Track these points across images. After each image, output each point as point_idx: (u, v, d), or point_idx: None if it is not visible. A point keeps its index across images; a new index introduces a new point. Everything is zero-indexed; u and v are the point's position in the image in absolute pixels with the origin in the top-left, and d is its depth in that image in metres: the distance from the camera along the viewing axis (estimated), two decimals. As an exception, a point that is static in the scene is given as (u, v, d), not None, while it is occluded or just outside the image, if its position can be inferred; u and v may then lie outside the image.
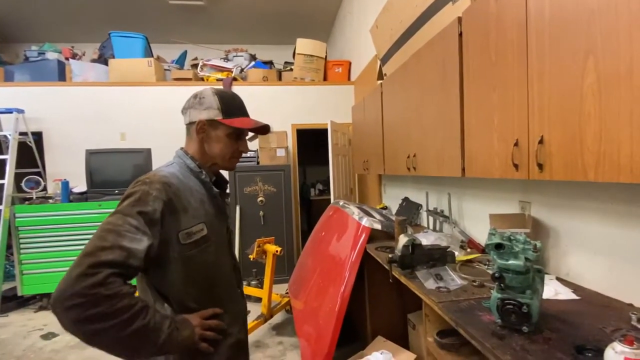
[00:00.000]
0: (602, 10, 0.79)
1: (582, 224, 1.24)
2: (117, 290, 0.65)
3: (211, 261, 0.88)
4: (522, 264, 0.89)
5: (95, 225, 3.33)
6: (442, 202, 2.22)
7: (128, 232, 0.70)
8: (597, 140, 0.81)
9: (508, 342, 0.87)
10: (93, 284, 0.63)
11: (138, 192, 0.77)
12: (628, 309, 1.01)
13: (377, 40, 2.48)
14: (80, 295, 0.62)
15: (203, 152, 0.93)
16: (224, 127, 0.91)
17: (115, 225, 0.71)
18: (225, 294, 0.94)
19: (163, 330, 0.72)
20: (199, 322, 0.82)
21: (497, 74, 1.17)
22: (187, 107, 0.94)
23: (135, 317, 0.67)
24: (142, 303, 0.70)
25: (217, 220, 0.93)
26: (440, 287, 1.28)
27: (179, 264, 0.81)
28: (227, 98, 0.93)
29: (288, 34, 5.70)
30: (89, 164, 3.49)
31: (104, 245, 0.68)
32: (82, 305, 0.62)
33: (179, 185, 0.83)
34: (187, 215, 0.82)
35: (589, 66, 0.83)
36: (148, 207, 0.74)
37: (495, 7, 1.16)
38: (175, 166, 0.91)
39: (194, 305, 0.85)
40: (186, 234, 0.81)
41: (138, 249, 0.70)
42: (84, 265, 0.64)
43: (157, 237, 0.75)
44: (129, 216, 0.72)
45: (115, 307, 0.64)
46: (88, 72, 4.25)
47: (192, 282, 0.84)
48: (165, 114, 4.30)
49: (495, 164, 1.21)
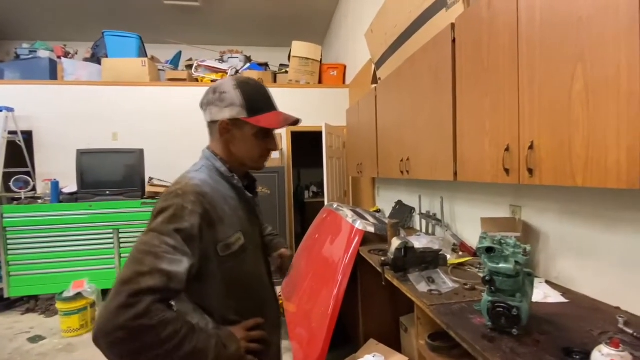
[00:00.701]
0: (591, 19, 0.81)
1: (571, 228, 1.26)
2: (161, 319, 0.60)
3: (249, 270, 0.85)
4: (513, 267, 0.90)
5: (86, 227, 3.32)
6: (435, 205, 2.24)
7: (166, 254, 0.64)
8: (585, 146, 0.83)
9: (498, 344, 0.88)
10: (135, 316, 0.58)
11: (172, 206, 0.70)
12: (615, 312, 1.03)
13: (371, 45, 2.50)
14: (123, 329, 0.57)
15: (230, 153, 0.86)
16: (250, 126, 0.82)
17: (152, 246, 0.65)
18: (264, 302, 0.90)
19: (210, 349, 0.68)
20: (244, 334, 0.78)
21: (489, 79, 1.19)
22: (207, 103, 0.85)
23: (183, 343, 0.63)
24: (187, 327, 0.65)
25: (251, 225, 0.88)
26: (432, 290, 1.28)
27: (219, 278, 0.77)
28: (251, 91, 0.83)
29: (284, 37, 5.71)
30: (80, 164, 3.44)
31: (142, 270, 0.62)
32: (126, 339, 0.57)
33: (212, 194, 0.77)
34: (223, 226, 0.77)
35: (578, 73, 0.84)
36: (185, 224, 0.69)
37: (487, 14, 1.18)
38: (205, 170, 0.83)
39: (234, 317, 0.81)
40: (224, 246, 0.77)
41: (179, 272, 0.64)
42: (124, 295, 0.58)
43: (196, 255, 0.70)
44: (165, 235, 0.66)
45: (160, 336, 0.60)
46: (80, 71, 4.20)
47: (232, 294, 0.80)
48: (158, 115, 4.27)
49: (486, 168, 1.22)
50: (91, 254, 3.37)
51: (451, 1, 1.49)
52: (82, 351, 2.53)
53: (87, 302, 2.83)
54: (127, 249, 3.43)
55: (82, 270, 3.30)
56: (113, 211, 3.40)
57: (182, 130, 4.33)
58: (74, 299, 2.76)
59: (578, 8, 0.84)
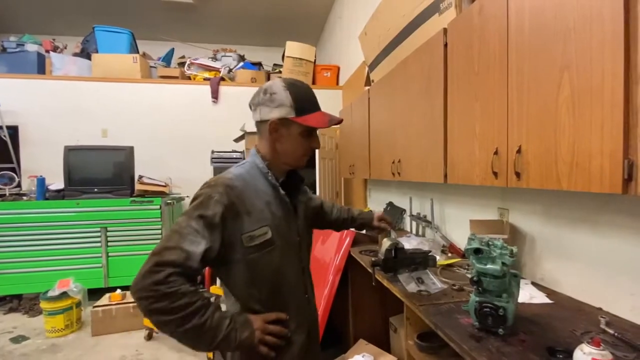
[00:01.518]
0: (578, 29, 0.83)
1: (556, 230, 1.30)
2: (176, 289, 0.70)
3: (275, 265, 0.86)
4: (499, 268, 0.92)
5: (72, 225, 3.26)
6: (425, 207, 2.27)
7: (189, 235, 0.74)
8: (571, 151, 0.86)
9: (485, 344, 0.90)
10: (155, 282, 0.69)
11: (202, 195, 0.80)
12: (597, 313, 1.06)
13: (365, 47, 2.52)
14: (145, 290, 0.69)
15: (274, 151, 0.90)
16: (297, 125, 0.86)
17: (180, 227, 0.76)
18: (290, 299, 0.92)
19: (221, 329, 0.75)
20: (261, 325, 0.82)
21: (479, 84, 1.21)
22: (257, 103, 0.88)
23: (193, 315, 0.71)
24: (202, 302, 0.73)
25: (286, 223, 0.90)
26: (422, 291, 1.30)
27: (243, 266, 0.83)
28: (300, 93, 0.87)
29: (278, 37, 5.71)
30: (68, 160, 3.38)
31: (169, 245, 0.73)
32: (147, 299, 0.69)
33: (243, 188, 0.83)
34: (250, 218, 0.82)
35: (564, 81, 0.87)
36: (208, 211, 0.77)
37: (479, 20, 1.20)
38: (247, 166, 0.90)
39: (257, 307, 0.86)
40: (249, 237, 0.82)
41: (195, 252, 0.73)
42: (151, 263, 0.71)
43: (217, 241, 0.77)
44: (192, 219, 0.76)
45: (173, 304, 0.69)
46: (69, 66, 4.12)
47: (256, 284, 0.85)
48: (149, 112, 4.22)
49: (476, 171, 1.25)
50: (77, 252, 3.30)
51: (444, 6, 1.51)
52: (67, 352, 2.48)
53: (72, 302, 2.77)
54: (114, 247, 3.38)
55: (68, 269, 3.23)
56: (101, 209, 3.34)
57: (173, 128, 4.29)
58: (58, 298, 2.70)
59: (565, 18, 0.86)
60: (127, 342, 2.62)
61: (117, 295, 2.83)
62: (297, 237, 0.95)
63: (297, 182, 0.99)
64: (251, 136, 3.93)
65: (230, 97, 4.44)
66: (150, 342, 2.61)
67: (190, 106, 4.33)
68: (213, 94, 4.35)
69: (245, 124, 3.96)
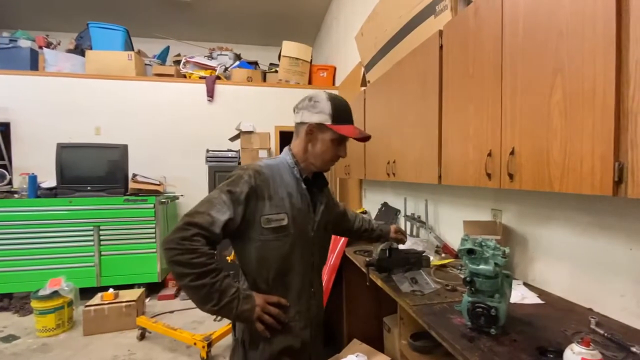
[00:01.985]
0: (570, 33, 0.84)
1: (547, 232, 1.31)
2: (197, 247, 0.83)
3: (285, 252, 0.95)
4: (492, 269, 0.93)
5: (64, 223, 3.22)
6: (420, 208, 2.28)
7: (218, 204, 0.88)
8: (563, 153, 0.87)
9: (477, 344, 0.91)
10: (183, 237, 0.82)
11: (235, 175, 0.93)
12: (588, 313, 1.08)
13: (361, 48, 2.53)
14: (173, 242, 0.82)
15: (305, 151, 1.01)
16: (331, 132, 0.97)
17: (212, 197, 0.89)
18: (295, 288, 0.99)
19: (227, 294, 0.85)
20: (262, 302, 0.91)
21: (474, 86, 1.22)
22: (301, 107, 1.00)
23: (206, 274, 0.83)
24: (215, 265, 0.85)
25: (303, 216, 0.99)
26: (415, 291, 1.31)
27: (257, 244, 0.93)
28: (339, 105, 0.98)
29: (274, 36, 5.70)
30: (60, 158, 3.34)
31: (200, 210, 0.87)
32: (173, 249, 0.82)
33: (269, 175, 0.95)
34: (271, 203, 0.93)
35: (557, 84, 0.88)
36: (237, 188, 0.90)
37: (474, 23, 1.21)
38: (278, 159, 1.02)
39: (263, 286, 0.96)
40: (266, 219, 0.92)
41: (220, 219, 0.86)
42: (182, 222, 0.84)
43: (239, 215, 0.89)
44: (223, 192, 0.89)
45: (193, 260, 0.81)
46: (63, 63, 4.08)
47: (265, 264, 0.94)
48: (144, 110, 4.19)
49: (469, 172, 1.26)
50: (69, 251, 3.27)
51: (439, 8, 1.52)
52: (58, 351, 2.45)
53: (63, 301, 2.74)
54: (107, 246, 3.35)
55: (60, 268, 3.19)
56: (94, 207, 3.30)
57: (168, 127, 4.26)
58: (50, 297, 2.67)
59: (558, 22, 0.87)
60: (119, 341, 2.60)
61: (109, 294, 2.81)
62: (312, 232, 1.02)
63: (321, 184, 1.09)
64: (246, 135, 3.92)
65: (226, 96, 4.42)
66: (143, 342, 2.59)
67: (186, 105, 4.31)
68: (209, 93, 4.33)
69: (241, 123, 3.95)
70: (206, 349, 2.22)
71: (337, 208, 1.27)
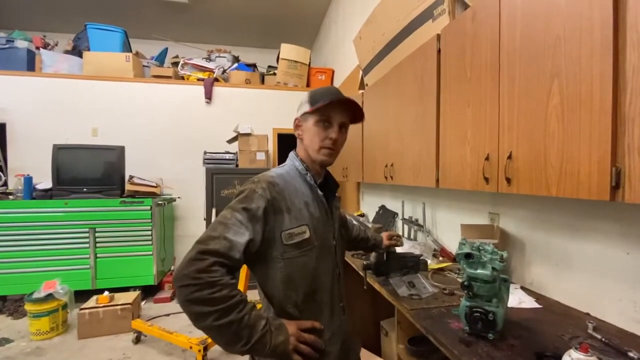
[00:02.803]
0: (567, 38, 0.85)
1: (545, 236, 1.31)
2: (218, 279, 0.71)
3: (312, 267, 0.87)
4: (490, 273, 0.92)
5: (60, 225, 3.20)
6: (417, 211, 2.28)
7: (234, 226, 0.77)
8: (560, 158, 0.87)
9: (474, 348, 0.90)
10: (199, 269, 0.70)
11: (246, 190, 0.83)
12: (585, 318, 1.07)
13: (359, 51, 2.53)
14: (188, 277, 0.69)
15: (304, 150, 0.95)
16: (311, 116, 0.91)
17: (225, 218, 0.78)
18: (326, 307, 0.91)
19: (257, 329, 0.73)
20: (296, 331, 0.80)
21: (471, 90, 1.22)
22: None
23: (232, 308, 0.71)
24: (240, 297, 0.73)
25: (323, 225, 0.92)
26: (413, 295, 1.30)
27: (281, 264, 0.83)
28: (317, 90, 0.94)
29: (273, 38, 5.71)
30: (56, 159, 3.31)
31: (213, 235, 0.75)
32: (189, 286, 0.69)
33: (283, 186, 0.87)
34: (290, 216, 0.85)
35: (554, 89, 0.88)
36: (252, 204, 0.80)
37: (471, 27, 1.22)
38: (286, 167, 0.95)
39: (292, 310, 0.85)
40: (288, 235, 0.83)
41: (239, 242, 0.76)
42: (195, 251, 0.72)
43: (259, 233, 0.79)
44: (236, 211, 0.79)
45: (214, 295, 0.69)
46: (60, 64, 4.06)
47: (293, 285, 0.85)
48: (142, 112, 4.17)
49: (467, 176, 1.25)
50: (65, 253, 3.23)
51: (437, 12, 1.53)
52: (52, 355, 2.42)
53: (58, 304, 2.71)
54: (103, 248, 3.32)
55: (55, 270, 3.16)
56: (89, 209, 3.28)
57: (165, 129, 4.25)
58: (44, 300, 2.64)
59: (556, 27, 0.88)
60: (114, 345, 2.57)
61: (104, 297, 2.78)
62: (333, 241, 0.96)
63: (332, 187, 1.01)
64: (244, 137, 3.92)
65: (224, 98, 4.42)
66: (138, 346, 2.56)
67: (183, 106, 4.30)
68: (206, 95, 4.33)
69: (238, 125, 3.94)
70: (202, 353, 2.20)
71: (341, 214, 1.20)
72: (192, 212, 4.24)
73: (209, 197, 3.67)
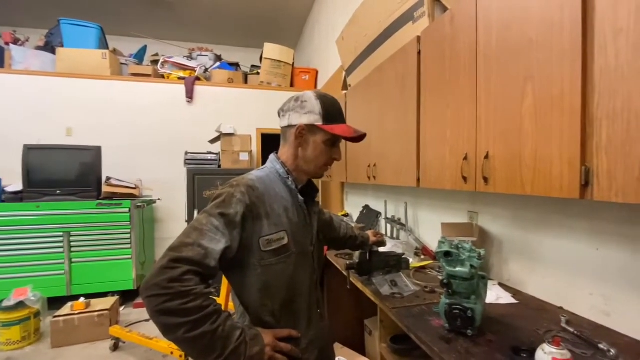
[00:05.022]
0: (540, 42, 0.88)
1: (521, 233, 1.35)
2: (191, 288, 0.67)
3: (290, 274, 0.85)
4: (468, 270, 0.94)
5: (32, 229, 3.06)
6: (400, 210, 2.31)
7: (209, 232, 0.73)
8: (534, 158, 0.89)
9: (454, 345, 0.92)
10: (171, 278, 0.66)
11: (224, 194, 0.79)
12: (559, 312, 1.12)
13: (342, 52, 2.54)
14: (159, 287, 0.65)
15: (296, 158, 0.91)
16: (323, 133, 0.88)
17: (200, 223, 0.74)
18: (304, 314, 0.89)
19: (231, 340, 0.70)
20: (272, 341, 0.78)
21: (450, 91, 1.24)
22: (287, 109, 0.90)
23: (205, 319, 0.67)
24: (214, 307, 0.70)
25: (302, 231, 0.90)
26: (395, 293, 1.32)
27: (258, 272, 0.81)
28: (330, 104, 0.90)
29: (256, 38, 5.66)
30: (27, 160, 3.16)
31: (187, 241, 0.71)
32: (160, 296, 0.65)
33: (263, 190, 0.83)
34: (269, 222, 0.82)
35: (528, 90, 0.91)
36: (230, 210, 0.76)
37: (450, 30, 1.24)
38: (266, 170, 0.91)
39: (269, 319, 0.83)
40: (267, 241, 0.81)
41: (215, 249, 0.72)
42: (167, 259, 0.68)
43: (236, 240, 0.76)
44: (213, 216, 0.75)
45: (186, 305, 0.65)
46: (31, 60, 3.88)
47: (270, 293, 0.83)
48: (120, 111, 4.04)
49: (446, 176, 1.28)
50: (37, 258, 3.09)
51: (417, 15, 1.55)
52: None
53: (30, 312, 2.58)
54: (78, 253, 3.19)
55: (26, 276, 3.01)
56: (63, 212, 3.14)
57: (145, 128, 4.13)
58: (15, 308, 2.51)
59: (529, 30, 0.90)
60: (90, 353, 2.47)
61: (80, 303, 2.67)
62: (311, 247, 0.94)
63: (312, 192, 0.99)
64: (227, 138, 3.86)
65: (206, 97, 4.34)
66: (116, 353, 2.47)
67: (164, 106, 4.19)
68: (188, 94, 4.24)
69: (221, 125, 3.88)
70: (183, 358, 2.15)
71: (325, 216, 1.21)
72: (173, 213, 4.14)
73: (190, 198, 3.59)
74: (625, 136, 0.68)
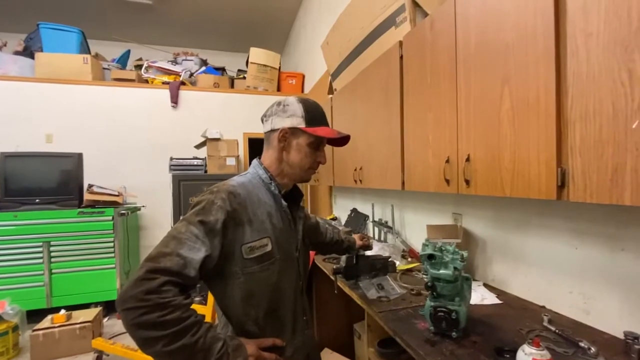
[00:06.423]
0: (516, 46, 0.90)
1: (504, 234, 1.37)
2: (169, 300, 0.64)
3: (274, 281, 0.83)
4: (452, 273, 0.95)
5: (9, 240, 2.96)
6: (387, 213, 2.32)
7: (188, 240, 0.71)
8: (512, 160, 0.91)
9: (439, 348, 0.92)
10: (148, 290, 0.63)
11: (204, 201, 0.77)
12: (541, 311, 1.13)
13: (327, 56, 2.55)
14: (136, 299, 0.62)
15: (280, 162, 0.90)
16: (307, 135, 0.88)
17: (179, 232, 0.72)
18: (288, 322, 0.88)
19: (213, 352, 0.68)
20: (255, 351, 0.75)
21: (432, 95, 1.26)
22: (270, 114, 0.90)
23: (185, 332, 0.65)
24: (195, 318, 0.68)
25: (286, 236, 0.88)
26: (382, 297, 1.31)
27: (241, 280, 0.79)
28: (311, 106, 0.90)
29: (242, 42, 5.63)
30: (4, 168, 3.06)
31: (165, 251, 0.68)
32: (137, 309, 0.62)
33: (245, 196, 0.82)
34: (252, 228, 0.80)
35: (505, 94, 0.93)
36: (210, 217, 0.74)
37: (430, 35, 1.26)
38: (248, 176, 0.90)
39: (253, 328, 0.82)
40: (249, 248, 0.79)
41: (194, 259, 0.69)
42: (144, 270, 0.65)
43: (217, 248, 0.74)
44: (192, 224, 0.73)
45: (165, 317, 0.63)
46: (9, 65, 3.76)
47: (253, 301, 0.81)
48: (102, 116, 3.95)
49: (430, 178, 1.29)
50: (15, 270, 2.97)
51: (399, 20, 1.57)
52: None
53: (8, 326, 2.48)
54: (58, 264, 3.09)
55: (4, 289, 2.90)
56: (43, 222, 3.04)
57: (128, 134, 4.05)
58: (-10, 322, 2.41)
59: (505, 35, 0.92)
60: (72, 367, 2.39)
61: (60, 316, 2.58)
62: (296, 253, 0.93)
63: (296, 197, 0.98)
64: (213, 143, 3.81)
65: (191, 102, 4.29)
66: (99, 366, 2.39)
67: (148, 111, 4.12)
68: (172, 99, 4.18)
69: (207, 129, 3.84)
70: (169, 369, 2.10)
71: (311, 221, 1.20)
72: (158, 221, 4.06)
73: (176, 204, 3.53)
74: (598, 138, 0.70)
